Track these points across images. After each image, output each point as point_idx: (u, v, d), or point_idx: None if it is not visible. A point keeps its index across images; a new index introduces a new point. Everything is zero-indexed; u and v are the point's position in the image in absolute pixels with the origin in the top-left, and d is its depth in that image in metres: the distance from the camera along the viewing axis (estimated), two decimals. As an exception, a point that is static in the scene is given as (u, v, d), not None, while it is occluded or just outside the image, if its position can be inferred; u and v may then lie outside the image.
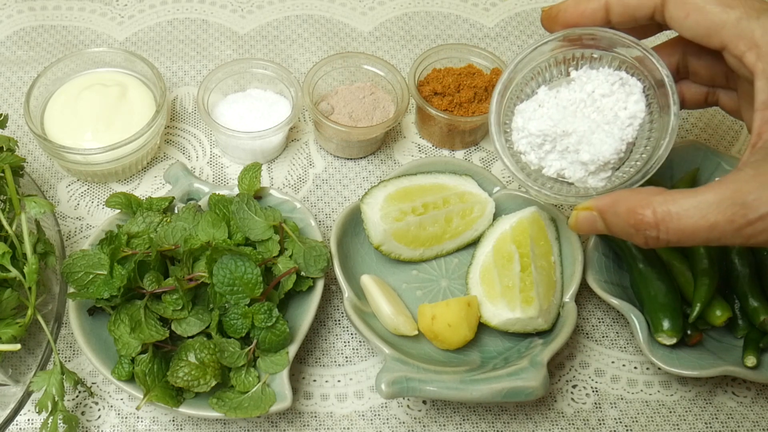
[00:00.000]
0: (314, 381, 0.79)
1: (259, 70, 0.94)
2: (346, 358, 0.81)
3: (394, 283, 0.83)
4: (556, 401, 0.79)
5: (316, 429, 0.77)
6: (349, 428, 0.77)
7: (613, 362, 0.81)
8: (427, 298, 0.82)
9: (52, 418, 0.70)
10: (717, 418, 0.78)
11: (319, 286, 0.78)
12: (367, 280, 0.79)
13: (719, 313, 0.76)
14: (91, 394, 0.77)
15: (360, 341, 0.82)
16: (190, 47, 1.05)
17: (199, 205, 0.82)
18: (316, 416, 0.77)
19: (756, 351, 0.74)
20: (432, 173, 0.85)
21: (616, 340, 0.83)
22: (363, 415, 0.78)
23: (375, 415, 0.78)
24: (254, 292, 0.72)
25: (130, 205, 0.81)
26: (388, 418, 0.78)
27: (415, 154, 0.96)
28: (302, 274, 0.77)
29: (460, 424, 0.77)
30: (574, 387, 0.80)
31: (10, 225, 0.74)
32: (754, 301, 0.76)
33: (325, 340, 0.82)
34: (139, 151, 0.88)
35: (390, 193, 0.82)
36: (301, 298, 0.78)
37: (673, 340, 0.74)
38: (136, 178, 0.92)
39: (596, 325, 0.84)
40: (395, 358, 0.72)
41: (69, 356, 0.80)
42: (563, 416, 0.78)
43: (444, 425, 0.77)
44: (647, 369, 0.81)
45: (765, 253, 0.79)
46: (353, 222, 0.83)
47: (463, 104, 0.91)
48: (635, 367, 0.81)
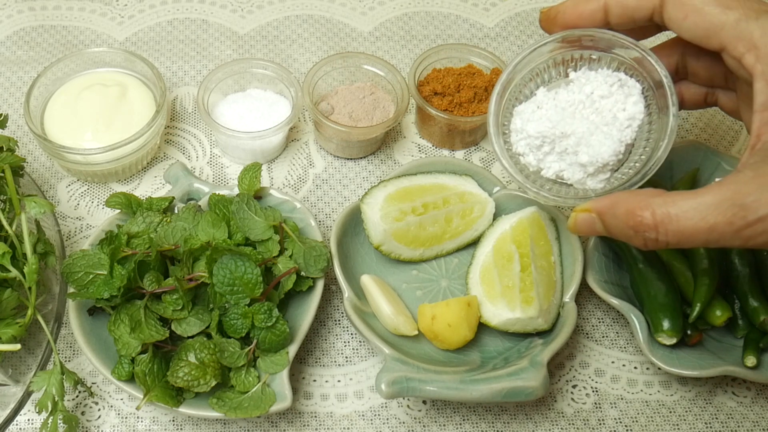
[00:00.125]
0: (314, 381, 0.79)
1: (259, 70, 0.94)
2: (346, 358, 0.81)
3: (394, 283, 0.83)
4: (556, 401, 0.79)
5: (316, 429, 0.77)
6: (349, 428, 0.77)
7: (613, 362, 0.81)
8: (427, 298, 0.82)
9: (52, 418, 0.70)
10: (717, 418, 0.78)
11: (319, 286, 0.78)
12: (367, 280, 0.79)
13: (719, 313, 0.76)
14: (91, 394, 0.77)
15: (360, 341, 0.82)
16: (190, 47, 1.05)
17: (199, 205, 0.82)
18: (316, 416, 0.77)
19: (756, 351, 0.74)
20: (432, 173, 0.85)
21: (616, 340, 0.83)
22: (363, 415, 0.78)
23: (375, 415, 0.78)
24: (254, 292, 0.72)
25: (130, 205, 0.81)
26: (388, 418, 0.78)
27: (415, 154, 0.96)
28: (302, 274, 0.77)
29: (460, 424, 0.77)
30: (574, 387, 0.80)
31: (10, 225, 0.74)
32: (754, 301, 0.76)
33: (325, 340, 0.82)
34: (139, 151, 0.88)
35: (390, 193, 0.82)
36: (301, 298, 0.78)
37: (673, 340, 0.74)
38: (136, 178, 0.92)
39: (596, 325, 0.84)
40: (395, 358, 0.72)
41: (69, 356, 0.80)
42: (563, 416, 0.78)
43: (444, 425, 0.77)
44: (647, 369, 0.81)
45: (765, 253, 0.79)
46: (353, 222, 0.83)
47: (463, 104, 0.91)
48: (635, 367, 0.81)
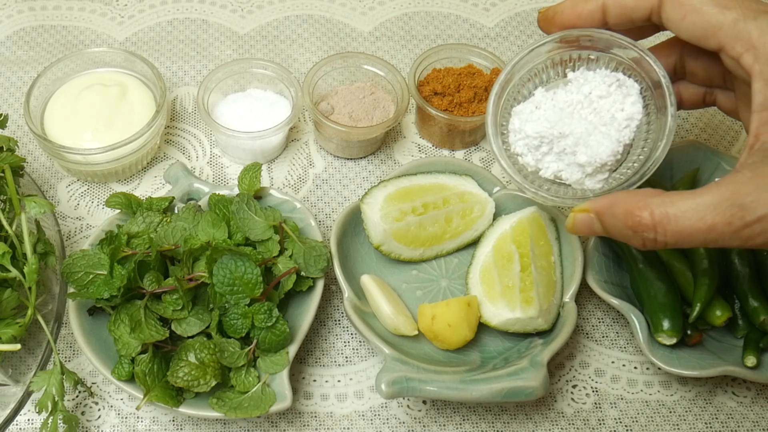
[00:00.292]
0: (314, 381, 0.79)
1: (259, 70, 0.94)
2: (346, 358, 0.81)
3: (394, 283, 0.83)
4: (556, 401, 0.79)
5: (316, 429, 0.77)
6: (349, 428, 0.77)
7: (613, 362, 0.81)
8: (427, 298, 0.82)
9: (52, 418, 0.70)
10: (717, 418, 0.78)
11: (319, 286, 0.78)
12: (367, 280, 0.79)
13: (719, 313, 0.76)
14: (91, 394, 0.77)
15: (360, 341, 0.82)
16: (190, 47, 1.05)
17: (199, 205, 0.82)
18: (316, 416, 0.77)
19: (756, 351, 0.74)
20: (432, 173, 0.85)
21: (616, 340, 0.83)
22: (363, 415, 0.78)
23: (375, 415, 0.78)
24: (254, 292, 0.72)
25: (130, 205, 0.81)
26: (388, 418, 0.78)
27: (415, 154, 0.96)
28: (302, 274, 0.77)
29: (460, 424, 0.77)
30: (574, 387, 0.80)
31: (10, 225, 0.74)
32: (754, 301, 0.76)
33: (325, 340, 0.82)
34: (139, 151, 0.88)
35: (390, 193, 0.82)
36: (301, 298, 0.78)
37: (673, 340, 0.74)
38: (136, 178, 0.92)
39: (596, 325, 0.84)
40: (395, 358, 0.72)
41: (69, 356, 0.80)
42: (563, 416, 0.78)
43: (444, 425, 0.77)
44: (647, 369, 0.81)
45: (765, 253, 0.79)
46: (353, 222, 0.83)
47: (463, 104, 0.91)
48: (635, 367, 0.81)
